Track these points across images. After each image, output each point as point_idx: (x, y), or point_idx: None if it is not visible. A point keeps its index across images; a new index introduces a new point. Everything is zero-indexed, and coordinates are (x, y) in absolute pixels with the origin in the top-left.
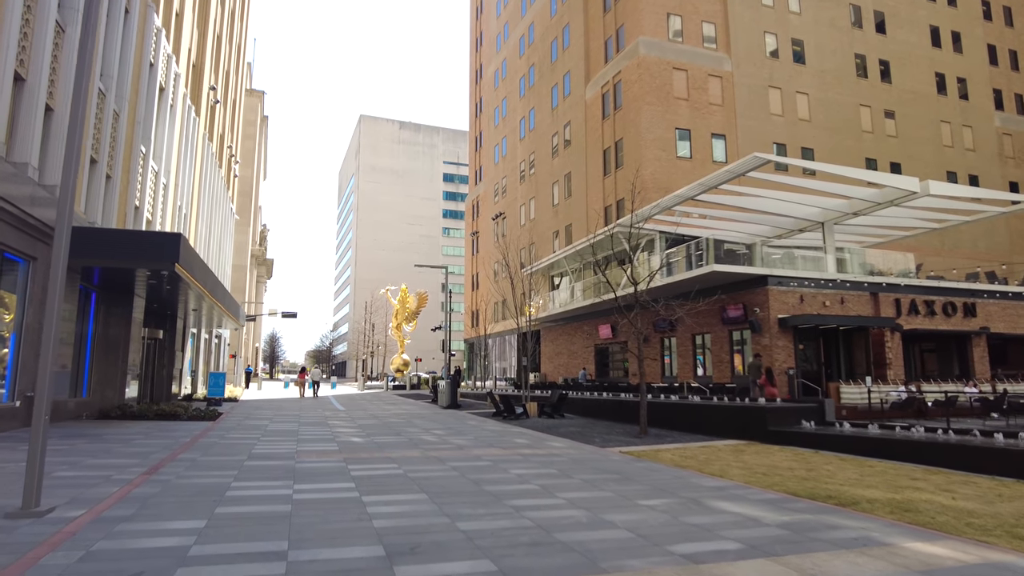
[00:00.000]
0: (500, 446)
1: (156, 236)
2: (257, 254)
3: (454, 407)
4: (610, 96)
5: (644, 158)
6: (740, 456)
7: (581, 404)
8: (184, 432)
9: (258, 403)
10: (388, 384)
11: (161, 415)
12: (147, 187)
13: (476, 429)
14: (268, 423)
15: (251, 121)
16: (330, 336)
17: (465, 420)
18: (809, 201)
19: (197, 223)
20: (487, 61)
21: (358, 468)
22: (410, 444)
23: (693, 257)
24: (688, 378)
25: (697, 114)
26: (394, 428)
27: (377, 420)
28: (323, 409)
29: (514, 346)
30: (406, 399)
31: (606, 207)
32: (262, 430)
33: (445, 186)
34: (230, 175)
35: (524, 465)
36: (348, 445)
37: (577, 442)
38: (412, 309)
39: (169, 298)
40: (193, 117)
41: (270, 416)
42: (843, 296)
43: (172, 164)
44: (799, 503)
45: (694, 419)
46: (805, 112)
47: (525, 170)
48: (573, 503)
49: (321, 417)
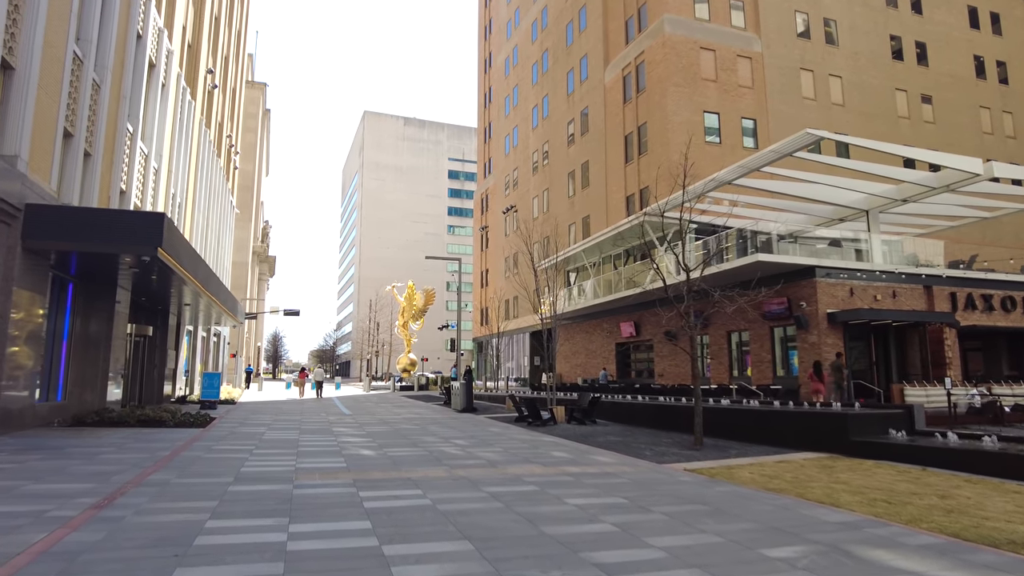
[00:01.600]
0: (538, 462)
1: (134, 216)
2: (259, 251)
3: (470, 410)
4: (632, 79)
5: (671, 142)
6: (833, 474)
7: (612, 408)
8: (165, 443)
9: (257, 406)
10: (394, 385)
11: (144, 421)
12: (135, 169)
13: (502, 438)
14: (265, 430)
15: (252, 114)
16: (334, 335)
17: (486, 426)
18: (854, 186)
19: (194, 213)
20: (497, 49)
21: (373, 496)
22: (431, 459)
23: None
24: (723, 379)
25: (726, 97)
26: (408, 437)
27: (388, 426)
28: (327, 413)
29: (525, 345)
30: (415, 401)
31: (628, 196)
32: (257, 439)
33: (450, 183)
34: (230, 166)
35: (580, 491)
36: (357, 460)
37: (626, 456)
38: (419, 307)
39: (158, 291)
40: (189, 100)
41: (268, 421)
42: (895, 289)
43: (165, 147)
44: (983, 554)
45: (754, 427)
46: (839, 96)
47: (538, 160)
48: (678, 557)
49: (325, 423)
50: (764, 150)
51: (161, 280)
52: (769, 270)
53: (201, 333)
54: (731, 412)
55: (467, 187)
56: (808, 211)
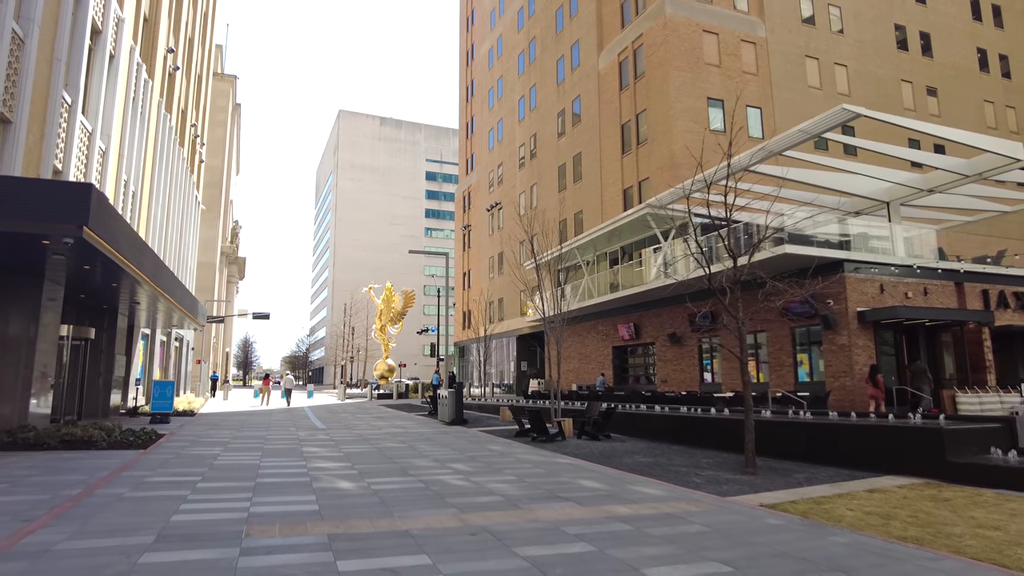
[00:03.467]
0: (570, 497)
1: (52, 186)
2: (228, 252)
3: (459, 423)
4: (629, 64)
5: (674, 130)
6: (961, 510)
7: (625, 420)
8: (83, 473)
9: (219, 418)
10: (372, 393)
11: (70, 442)
12: (74, 145)
13: (509, 460)
14: (220, 452)
15: (222, 107)
16: (306, 341)
17: (484, 443)
18: (879, 175)
19: (150, 204)
20: (480, 40)
21: (359, 571)
22: (431, 496)
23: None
24: (735, 385)
25: (730, 83)
26: (395, 459)
27: (368, 445)
28: (297, 426)
29: (511, 350)
30: (396, 411)
31: (625, 189)
32: (207, 465)
33: (428, 185)
34: (195, 159)
35: (652, 551)
36: (334, 499)
37: (673, 485)
38: (398, 309)
39: (101, 286)
40: (145, 79)
41: (227, 439)
42: (925, 286)
43: (114, 127)
44: None
45: (815, 444)
46: (844, 86)
47: (525, 154)
48: None
49: (294, 440)
50: (793, 129)
51: (98, 272)
52: (794, 264)
53: (160, 337)
54: (781, 426)
55: (445, 189)
56: (822, 203)
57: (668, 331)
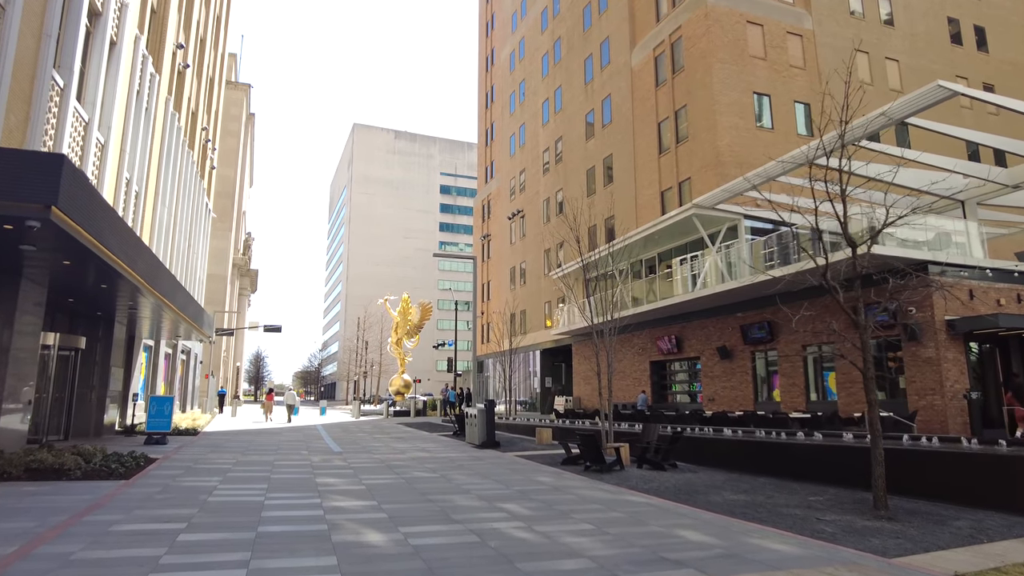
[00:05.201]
0: (684, 561)
1: (11, 155)
2: (240, 264)
3: (491, 446)
4: (666, 58)
5: (718, 126)
6: None
7: (687, 445)
8: (31, 519)
9: (224, 437)
10: (388, 410)
11: (37, 471)
12: (66, 131)
13: (570, 499)
14: (217, 483)
15: (235, 116)
16: (319, 356)
17: (530, 473)
18: (958, 167)
19: (156, 206)
20: (500, 44)
21: None
22: (494, 559)
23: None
24: (797, 404)
25: (777, 77)
26: (431, 497)
27: (395, 475)
28: (309, 449)
29: (534, 365)
30: (416, 431)
31: (663, 191)
32: (199, 504)
33: (442, 198)
34: (206, 164)
35: None
36: (362, 564)
37: (798, 535)
38: (415, 322)
39: (89, 288)
40: (152, 73)
41: (229, 464)
42: (1019, 292)
43: (115, 119)
44: None
45: (958, 478)
46: (896, 82)
47: (550, 159)
48: None
49: (306, 468)
50: (875, 113)
51: (82, 269)
52: (876, 266)
53: (165, 349)
54: (905, 455)
55: (460, 202)
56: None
57: (715, 344)
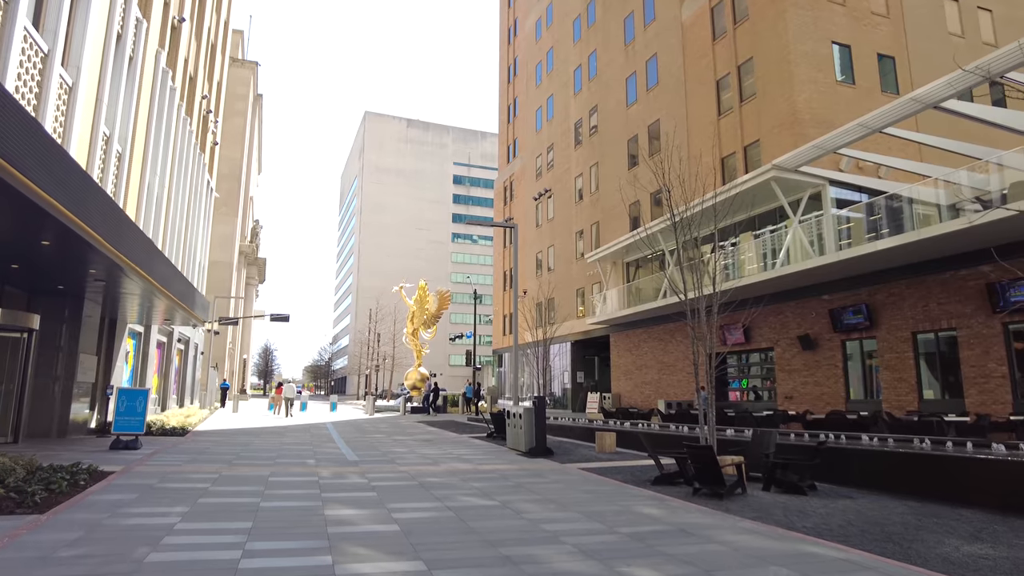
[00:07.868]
0: None
1: None
2: (247, 251)
3: (543, 453)
4: (725, 7)
5: (795, 78)
6: None
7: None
8: None
9: (217, 438)
10: (405, 406)
11: None
12: (11, 61)
13: (716, 551)
14: (177, 522)
15: (241, 95)
16: (329, 350)
17: (624, 501)
18: None
19: (144, 172)
20: (524, 13)
21: None
22: None
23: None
24: (908, 403)
25: (858, 26)
26: (500, 547)
27: (435, 500)
28: (317, 458)
29: (564, 358)
30: (443, 432)
31: (724, 157)
32: (134, 562)
33: (455, 188)
34: (206, 137)
35: None
36: None
37: None
38: (432, 311)
39: (25, 246)
40: (137, 16)
41: (207, 480)
42: None
43: (86, 60)
44: None
45: None
46: (989, 34)
47: (583, 130)
48: None
49: (312, 486)
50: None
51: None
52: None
53: (158, 336)
54: None
55: (473, 193)
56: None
57: (794, 332)
